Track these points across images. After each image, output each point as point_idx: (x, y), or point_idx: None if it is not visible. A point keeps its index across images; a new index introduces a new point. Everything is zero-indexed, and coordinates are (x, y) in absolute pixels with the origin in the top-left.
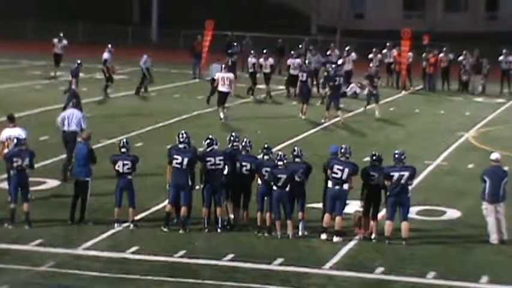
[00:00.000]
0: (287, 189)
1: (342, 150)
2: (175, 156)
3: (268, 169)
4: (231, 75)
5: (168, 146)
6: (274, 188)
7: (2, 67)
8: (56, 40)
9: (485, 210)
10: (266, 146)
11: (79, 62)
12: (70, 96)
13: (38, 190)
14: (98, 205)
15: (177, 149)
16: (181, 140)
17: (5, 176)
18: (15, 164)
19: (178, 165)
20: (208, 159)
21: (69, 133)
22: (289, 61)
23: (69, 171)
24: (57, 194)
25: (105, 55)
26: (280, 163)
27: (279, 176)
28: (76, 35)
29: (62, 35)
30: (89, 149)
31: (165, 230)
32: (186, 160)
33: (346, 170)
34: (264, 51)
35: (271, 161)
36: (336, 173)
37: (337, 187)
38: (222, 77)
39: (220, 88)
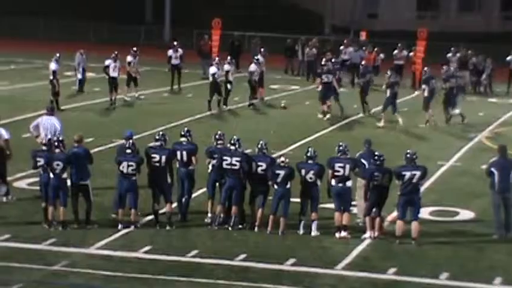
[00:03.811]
0: (288, 186)
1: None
2: (153, 155)
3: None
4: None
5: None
6: (275, 186)
7: (17, 67)
8: (130, 58)
9: None
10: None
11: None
12: None
13: None
14: (109, 205)
15: (154, 147)
16: (157, 137)
17: (22, 174)
18: (55, 167)
19: (157, 164)
20: (225, 158)
21: None
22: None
23: None
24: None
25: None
26: (282, 159)
27: (277, 172)
28: (89, 35)
29: (135, 49)
30: (85, 150)
31: (167, 228)
32: (163, 158)
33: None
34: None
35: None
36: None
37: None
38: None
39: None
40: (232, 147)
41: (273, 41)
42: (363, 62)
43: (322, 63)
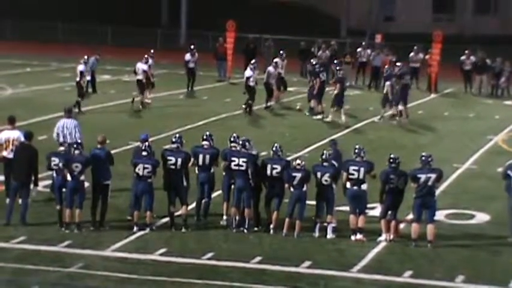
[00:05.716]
0: (304, 188)
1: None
2: (169, 158)
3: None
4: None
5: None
6: (291, 189)
7: (32, 69)
8: (147, 65)
9: None
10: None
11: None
12: None
13: None
14: (124, 207)
15: (170, 150)
16: (174, 140)
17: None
18: (74, 169)
19: (172, 166)
20: (232, 159)
21: None
22: None
23: None
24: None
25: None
26: (298, 162)
27: (294, 174)
28: (106, 38)
29: (152, 51)
30: (106, 152)
31: (183, 230)
32: (179, 161)
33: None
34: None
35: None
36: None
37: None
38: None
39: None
40: (240, 148)
41: (289, 43)
42: (335, 61)
43: (314, 63)
